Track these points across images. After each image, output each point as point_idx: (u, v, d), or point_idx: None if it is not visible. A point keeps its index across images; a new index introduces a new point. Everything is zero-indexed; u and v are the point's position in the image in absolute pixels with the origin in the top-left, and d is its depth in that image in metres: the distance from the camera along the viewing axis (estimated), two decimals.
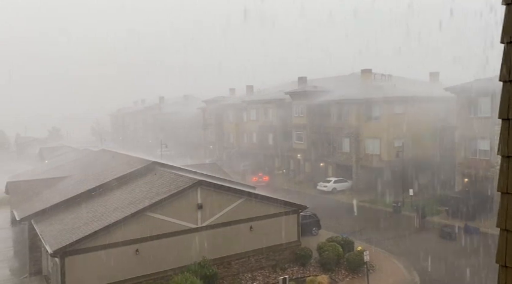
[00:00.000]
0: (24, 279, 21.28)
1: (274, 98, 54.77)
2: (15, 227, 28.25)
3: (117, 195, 22.14)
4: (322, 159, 47.37)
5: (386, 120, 41.13)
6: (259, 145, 57.15)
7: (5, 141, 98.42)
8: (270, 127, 55.12)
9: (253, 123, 59.26)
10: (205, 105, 71.50)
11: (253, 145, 58.69)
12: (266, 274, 21.26)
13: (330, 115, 46.60)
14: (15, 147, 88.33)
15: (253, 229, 21.63)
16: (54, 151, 53.77)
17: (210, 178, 23.45)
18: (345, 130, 44.51)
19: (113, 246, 17.74)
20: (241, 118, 62.67)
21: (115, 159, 30.81)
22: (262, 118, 57.10)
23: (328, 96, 46.68)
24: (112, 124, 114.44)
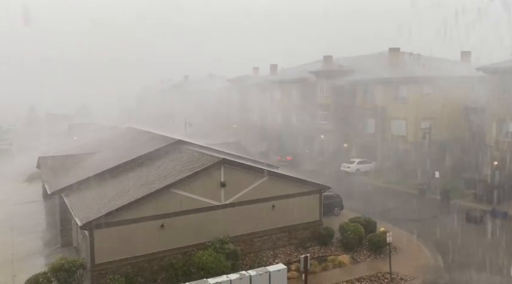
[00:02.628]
0: (56, 250, 22.31)
1: (299, 77, 54.12)
2: (46, 201, 29.50)
3: (143, 172, 22.68)
4: (346, 139, 46.84)
5: (413, 100, 40.07)
6: (283, 125, 56.95)
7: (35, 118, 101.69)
8: (293, 106, 54.70)
9: (277, 102, 58.94)
10: (229, 84, 71.51)
11: (277, 125, 58.53)
12: (287, 252, 21.53)
13: (355, 95, 45.77)
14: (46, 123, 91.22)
15: (275, 208, 21.82)
16: (82, 128, 55.27)
17: (233, 157, 23.64)
18: (371, 111, 43.69)
19: (139, 221, 18.30)
20: (265, 97, 62.38)
21: (141, 137, 31.41)
22: (286, 97, 56.68)
23: (354, 76, 45.74)
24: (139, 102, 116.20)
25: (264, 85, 61.53)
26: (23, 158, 50.92)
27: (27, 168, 40.32)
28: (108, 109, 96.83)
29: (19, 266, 20.27)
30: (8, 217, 29.23)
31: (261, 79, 64.32)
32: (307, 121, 51.91)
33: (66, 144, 45.79)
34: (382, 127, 42.69)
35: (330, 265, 20.10)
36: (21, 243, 23.73)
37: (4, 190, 38.49)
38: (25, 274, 18.08)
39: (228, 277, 16.32)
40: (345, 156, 45.57)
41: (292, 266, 19.40)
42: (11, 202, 33.67)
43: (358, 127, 45.34)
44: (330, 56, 53.55)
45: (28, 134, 77.98)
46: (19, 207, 32.20)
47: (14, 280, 18.55)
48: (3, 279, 18.77)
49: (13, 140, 78.80)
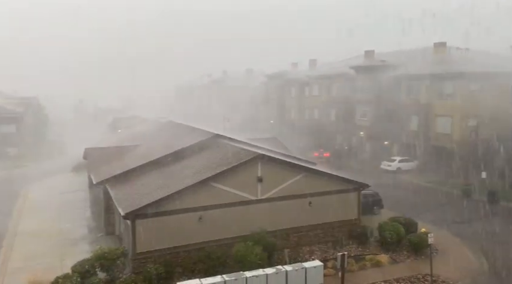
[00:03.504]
0: (100, 237, 23.33)
1: (339, 72, 53.20)
2: (92, 190, 30.87)
3: (183, 165, 23.20)
4: (387, 136, 45.61)
5: (460, 97, 38.31)
6: (321, 121, 56.29)
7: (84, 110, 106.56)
8: (332, 102, 53.90)
9: (315, 98, 58.30)
10: (267, 80, 71.46)
11: (315, 121, 57.92)
12: (324, 249, 21.34)
13: (397, 91, 44.38)
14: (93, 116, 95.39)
15: (312, 205, 21.66)
16: (126, 121, 57.29)
17: (271, 152, 23.63)
18: (414, 108, 42.24)
19: (179, 212, 18.77)
20: (303, 93, 61.89)
21: (181, 130, 32.12)
22: (325, 93, 55.91)
23: (397, 71, 44.34)
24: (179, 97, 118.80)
25: (302, 81, 61.00)
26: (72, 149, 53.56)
27: (75, 158, 42.37)
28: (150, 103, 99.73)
29: (66, 252, 21.40)
30: (57, 205, 30.91)
31: (299, 74, 63.79)
32: (346, 118, 51.00)
33: (111, 136, 47.71)
34: (425, 125, 41.19)
35: (368, 264, 19.72)
36: (68, 230, 25.02)
37: (54, 179, 40.71)
38: (71, 259, 19.07)
39: (264, 271, 16.42)
40: (385, 154, 44.41)
41: (328, 264, 19.22)
42: (59, 191, 35.56)
43: (400, 124, 43.99)
44: (372, 51, 52.22)
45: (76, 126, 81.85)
46: (67, 195, 33.95)
47: (61, 264, 19.59)
48: (53, 263, 19.88)
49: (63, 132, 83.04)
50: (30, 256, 20.97)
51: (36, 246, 22.29)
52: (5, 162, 51.56)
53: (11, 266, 19.76)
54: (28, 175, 43.00)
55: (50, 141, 71.99)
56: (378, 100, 46.35)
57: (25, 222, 26.93)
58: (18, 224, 26.67)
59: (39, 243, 22.75)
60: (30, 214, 28.91)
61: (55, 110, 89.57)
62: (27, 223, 26.76)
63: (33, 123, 68.53)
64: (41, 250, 21.77)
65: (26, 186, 37.93)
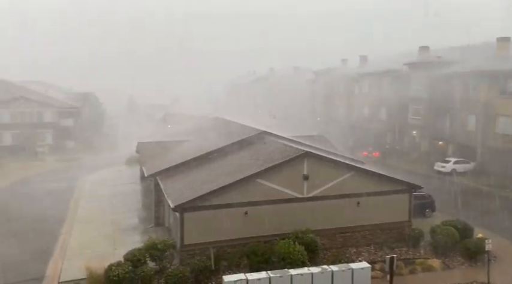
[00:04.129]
0: (150, 228, 24.17)
1: (390, 69, 51.38)
2: (143, 183, 32.08)
3: (230, 160, 23.45)
4: (441, 136, 43.48)
5: None
6: (371, 119, 54.73)
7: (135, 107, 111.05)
8: (383, 100, 52.18)
9: (365, 95, 56.76)
10: (314, 76, 70.56)
11: (364, 119, 56.42)
12: (372, 251, 20.72)
13: (454, 89, 42.08)
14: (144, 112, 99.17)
15: (360, 205, 21.08)
16: (176, 117, 59.01)
17: (317, 150, 23.31)
18: (472, 106, 39.88)
19: (225, 207, 18.99)
20: (352, 90, 60.47)
21: (228, 127, 32.51)
22: (376, 90, 54.23)
23: (454, 68, 42.06)
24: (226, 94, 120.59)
25: (352, 78, 59.58)
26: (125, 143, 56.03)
27: (128, 151, 44.26)
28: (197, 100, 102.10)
29: (119, 241, 22.38)
30: (111, 196, 32.44)
31: (348, 71, 62.38)
32: (398, 116, 49.19)
33: (161, 131, 49.32)
34: (484, 125, 38.75)
35: (418, 268, 18.90)
36: (120, 220, 26.16)
37: (108, 171, 42.79)
38: (124, 248, 19.91)
39: (310, 270, 16.21)
40: (439, 155, 42.37)
41: (376, 266, 18.63)
42: (113, 182, 37.32)
43: (456, 123, 41.73)
44: (427, 47, 49.97)
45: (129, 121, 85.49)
46: (120, 187, 35.54)
47: (114, 252, 20.52)
48: (106, 251, 20.87)
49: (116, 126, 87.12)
50: (86, 243, 22.16)
51: (91, 234, 23.52)
52: (63, 154, 54.96)
53: (69, 253, 20.97)
54: (84, 167, 45.51)
55: (105, 134, 75.74)
56: (432, 98, 44.26)
57: (81, 211, 28.51)
58: (75, 213, 28.29)
59: (94, 231, 23.98)
60: (85, 203, 30.56)
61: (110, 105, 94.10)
62: (83, 212, 28.31)
63: (89, 118, 72.41)
64: (95, 238, 22.93)
65: (83, 177, 40.15)
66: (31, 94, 60.28)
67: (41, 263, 19.86)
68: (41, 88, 68.20)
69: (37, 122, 58.22)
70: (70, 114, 61.35)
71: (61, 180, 38.78)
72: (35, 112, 58.39)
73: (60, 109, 60.10)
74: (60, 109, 60.10)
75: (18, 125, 57.00)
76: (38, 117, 58.55)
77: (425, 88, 44.84)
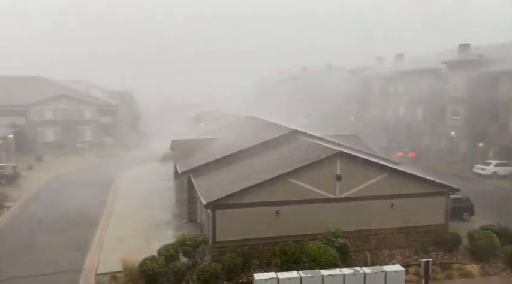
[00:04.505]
0: (183, 224, 24.65)
1: (428, 68, 49.80)
2: (177, 179, 32.75)
3: (261, 159, 23.52)
4: (481, 138, 41.72)
5: None
6: (407, 119, 53.28)
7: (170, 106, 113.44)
8: (420, 99, 50.69)
9: (401, 94, 55.32)
10: (349, 75, 69.46)
11: (400, 119, 54.99)
12: (406, 254, 20.21)
13: (496, 89, 40.27)
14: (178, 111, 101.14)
15: (394, 207, 20.61)
16: (208, 116, 59.78)
17: (351, 150, 22.96)
18: None
19: (256, 205, 19.09)
20: (387, 89, 59.10)
21: (260, 125, 32.58)
22: (412, 89, 52.74)
23: (497, 66, 40.22)
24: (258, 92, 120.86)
25: (387, 76, 58.21)
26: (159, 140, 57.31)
27: (163, 149, 45.26)
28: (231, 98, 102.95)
29: (153, 235, 22.98)
30: (145, 191, 33.34)
31: (384, 69, 60.97)
32: (436, 116, 47.63)
33: (194, 129, 50.11)
34: None
35: (455, 273, 18.26)
36: (155, 215, 26.83)
37: (143, 168, 43.97)
38: (157, 243, 20.43)
39: (342, 271, 16.02)
40: (479, 157, 40.68)
41: (410, 270, 18.17)
42: (148, 179, 38.31)
43: (498, 125, 39.91)
44: (467, 44, 48.08)
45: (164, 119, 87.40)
46: (154, 183, 36.44)
47: (149, 246, 21.09)
48: (141, 245, 21.49)
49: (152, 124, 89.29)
50: (122, 237, 22.89)
51: (127, 228, 24.27)
52: (101, 150, 56.96)
53: (106, 246, 21.74)
54: (121, 163, 46.97)
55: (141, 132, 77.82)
56: (471, 98, 42.53)
57: (117, 206, 29.47)
58: (112, 207, 29.28)
59: (129, 226, 24.74)
60: (122, 198, 31.56)
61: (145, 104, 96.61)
62: (119, 207, 29.25)
63: (126, 115, 74.64)
64: (130, 232, 23.65)
65: (119, 172, 41.47)
66: (72, 93, 62.86)
67: (81, 254, 20.71)
68: (81, 87, 71.00)
69: (78, 119, 60.62)
70: (108, 112, 63.46)
71: (99, 175, 40.21)
72: (76, 110, 60.83)
73: (100, 107, 62.27)
74: (100, 107, 62.27)
75: (60, 122, 59.59)
76: (79, 115, 60.93)
77: (465, 87, 43.15)
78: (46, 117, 59.37)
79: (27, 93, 59.93)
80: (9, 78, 64.73)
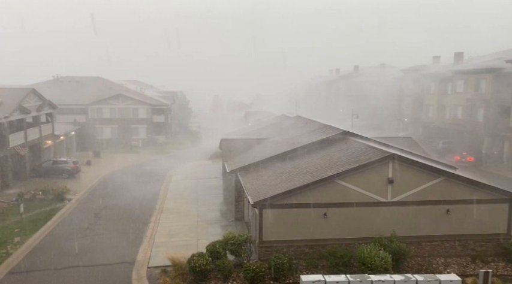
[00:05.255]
0: (230, 222, 25.00)
1: (491, 67, 46.76)
2: (225, 178, 33.25)
3: (309, 159, 23.27)
4: None
5: None
6: (465, 121, 50.40)
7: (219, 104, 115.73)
8: (481, 101, 47.72)
9: (459, 95, 52.43)
10: (402, 75, 66.97)
11: (457, 121, 52.14)
12: (462, 264, 19.11)
13: None
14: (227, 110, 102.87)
15: (450, 213, 19.56)
16: (256, 115, 60.20)
17: (404, 152, 22.06)
18: None
19: (304, 206, 18.90)
20: (444, 89, 56.26)
21: (308, 126, 32.25)
22: (472, 90, 49.79)
23: None
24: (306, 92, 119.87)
25: (445, 76, 55.40)
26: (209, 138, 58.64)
27: (211, 147, 46.25)
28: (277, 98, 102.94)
29: (201, 232, 23.52)
30: (195, 189, 34.20)
31: (441, 69, 58.11)
32: (498, 118, 44.64)
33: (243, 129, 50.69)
34: None
35: None
36: (203, 212, 27.45)
37: (193, 165, 45.16)
38: (205, 240, 20.87)
39: (392, 277, 15.46)
40: None
41: (467, 280, 17.13)
42: (197, 176, 39.28)
43: None
44: None
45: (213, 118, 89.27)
46: (204, 180, 37.29)
47: (197, 243, 21.61)
48: (191, 241, 22.07)
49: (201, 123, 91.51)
50: (172, 232, 23.65)
51: (177, 224, 25.03)
52: (154, 148, 59.23)
53: (157, 240, 22.54)
54: (172, 160, 48.56)
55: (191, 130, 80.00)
56: None
57: (168, 202, 30.48)
58: (163, 202, 30.33)
59: (179, 221, 25.50)
60: (172, 195, 32.60)
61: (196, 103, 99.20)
62: (170, 202, 30.24)
63: (178, 114, 77.04)
64: (181, 227, 24.37)
65: (170, 169, 42.88)
66: (129, 93, 65.94)
67: (134, 247, 21.64)
68: (136, 87, 74.26)
69: (133, 118, 63.52)
70: (161, 111, 65.86)
71: (152, 172, 41.86)
72: (132, 108, 63.73)
73: (153, 106, 64.80)
74: (153, 106, 64.80)
75: (116, 120, 62.75)
76: (134, 113, 63.82)
77: None
78: (104, 115, 62.76)
79: (89, 93, 63.77)
80: (74, 78, 69.24)
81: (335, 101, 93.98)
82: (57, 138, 45.59)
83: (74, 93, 63.31)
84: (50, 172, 38.33)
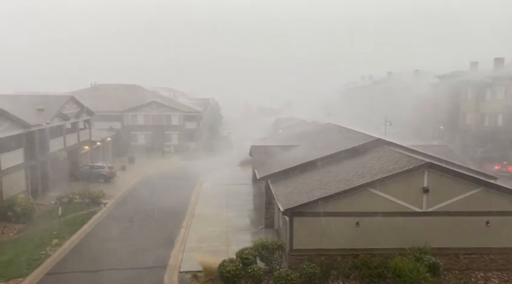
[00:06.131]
0: (260, 229, 24.95)
1: None
2: (255, 184, 33.32)
3: (341, 167, 22.95)
4: None
5: None
6: (506, 129, 48.27)
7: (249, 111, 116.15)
8: None
9: (499, 102, 50.31)
10: (438, 81, 65.08)
11: (497, 129, 50.01)
12: (504, 278, 18.21)
13: None
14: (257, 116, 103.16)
15: (490, 225, 18.72)
16: (286, 122, 60.08)
17: (439, 161, 21.40)
18: None
19: (336, 215, 18.61)
20: (483, 96, 54.15)
21: (340, 133, 31.86)
22: None
23: None
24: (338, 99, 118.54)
25: (483, 82, 53.36)
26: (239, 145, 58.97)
27: (242, 153, 46.46)
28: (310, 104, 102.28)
29: (231, 238, 23.61)
30: (225, 195, 34.42)
31: (480, 75, 56.04)
32: None
33: (273, 135, 50.69)
34: None
35: None
36: (234, 218, 27.57)
37: (224, 172, 45.51)
38: (236, 246, 20.93)
39: None
40: None
41: None
42: (228, 182, 39.54)
43: None
44: None
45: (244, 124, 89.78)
46: (234, 187, 37.49)
47: (228, 249, 21.70)
48: (221, 247, 22.20)
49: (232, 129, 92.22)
50: (203, 237, 23.87)
51: (207, 230, 25.25)
52: (186, 154, 60.18)
53: (188, 245, 22.81)
54: (203, 166, 49.10)
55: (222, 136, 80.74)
56: None
57: (199, 207, 30.83)
58: (194, 208, 30.71)
59: (210, 227, 25.72)
60: (203, 200, 32.95)
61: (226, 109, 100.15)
62: (201, 208, 30.57)
63: (209, 121, 78.05)
64: (211, 233, 24.56)
65: (202, 175, 43.39)
66: (162, 100, 67.52)
67: (166, 252, 21.98)
68: (169, 94, 75.93)
69: (166, 124, 64.92)
70: (193, 118, 66.97)
71: (184, 177, 42.52)
72: (165, 115, 65.18)
73: (186, 113, 66.01)
74: (186, 113, 66.01)
75: (150, 127, 64.32)
76: (167, 120, 65.23)
77: None
78: (138, 122, 64.49)
79: (124, 100, 65.80)
80: (110, 85, 71.75)
81: (368, 108, 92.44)
82: (94, 144, 47.19)
83: (110, 100, 65.50)
84: (86, 177, 39.69)
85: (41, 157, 34.28)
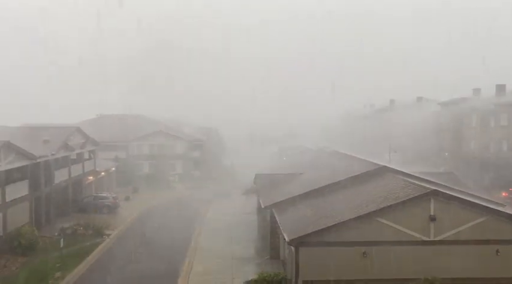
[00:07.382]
0: (265, 260, 24.51)
1: None
2: (260, 213, 32.96)
3: (347, 195, 22.77)
4: None
5: None
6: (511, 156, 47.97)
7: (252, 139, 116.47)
8: None
9: (503, 128, 50.28)
10: (440, 108, 65.43)
11: (503, 155, 49.70)
12: None
13: None
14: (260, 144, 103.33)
15: (500, 254, 18.31)
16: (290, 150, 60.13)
17: (446, 188, 21.20)
18: None
19: (342, 244, 18.30)
20: (486, 123, 54.17)
21: (345, 161, 31.81)
22: None
23: None
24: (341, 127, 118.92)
25: (487, 109, 53.56)
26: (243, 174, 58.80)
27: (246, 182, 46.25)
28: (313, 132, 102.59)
29: (236, 270, 23.17)
30: (229, 225, 34.05)
31: (482, 101, 56.34)
32: None
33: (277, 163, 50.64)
34: None
35: None
36: (238, 249, 27.15)
37: (227, 201, 45.22)
38: (241, 278, 20.53)
39: None
40: None
41: None
42: (232, 212, 39.20)
43: None
44: None
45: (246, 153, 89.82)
46: (238, 216, 37.13)
47: (232, 281, 21.27)
48: (225, 279, 21.78)
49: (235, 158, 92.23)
50: (208, 269, 23.46)
51: (212, 261, 24.84)
52: (190, 183, 60.02)
53: (192, 277, 22.40)
54: (207, 196, 48.86)
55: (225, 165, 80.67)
56: None
57: (203, 239, 30.42)
58: (198, 240, 30.32)
59: (214, 258, 25.31)
60: (208, 231, 32.59)
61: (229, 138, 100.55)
62: (205, 239, 30.17)
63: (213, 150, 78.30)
64: (216, 265, 24.15)
65: (205, 205, 43.13)
66: (167, 129, 68.10)
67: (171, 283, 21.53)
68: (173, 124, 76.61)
69: (170, 153, 65.15)
70: (197, 147, 67.27)
71: (187, 207, 42.25)
72: (169, 145, 65.54)
73: (190, 142, 66.38)
74: (190, 142, 66.38)
75: (155, 156, 64.54)
76: (171, 149, 65.53)
77: None
78: (144, 151, 64.80)
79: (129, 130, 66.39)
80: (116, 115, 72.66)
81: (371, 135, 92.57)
82: (98, 174, 47.26)
83: (115, 130, 66.09)
84: (90, 207, 39.48)
85: (46, 188, 34.31)
